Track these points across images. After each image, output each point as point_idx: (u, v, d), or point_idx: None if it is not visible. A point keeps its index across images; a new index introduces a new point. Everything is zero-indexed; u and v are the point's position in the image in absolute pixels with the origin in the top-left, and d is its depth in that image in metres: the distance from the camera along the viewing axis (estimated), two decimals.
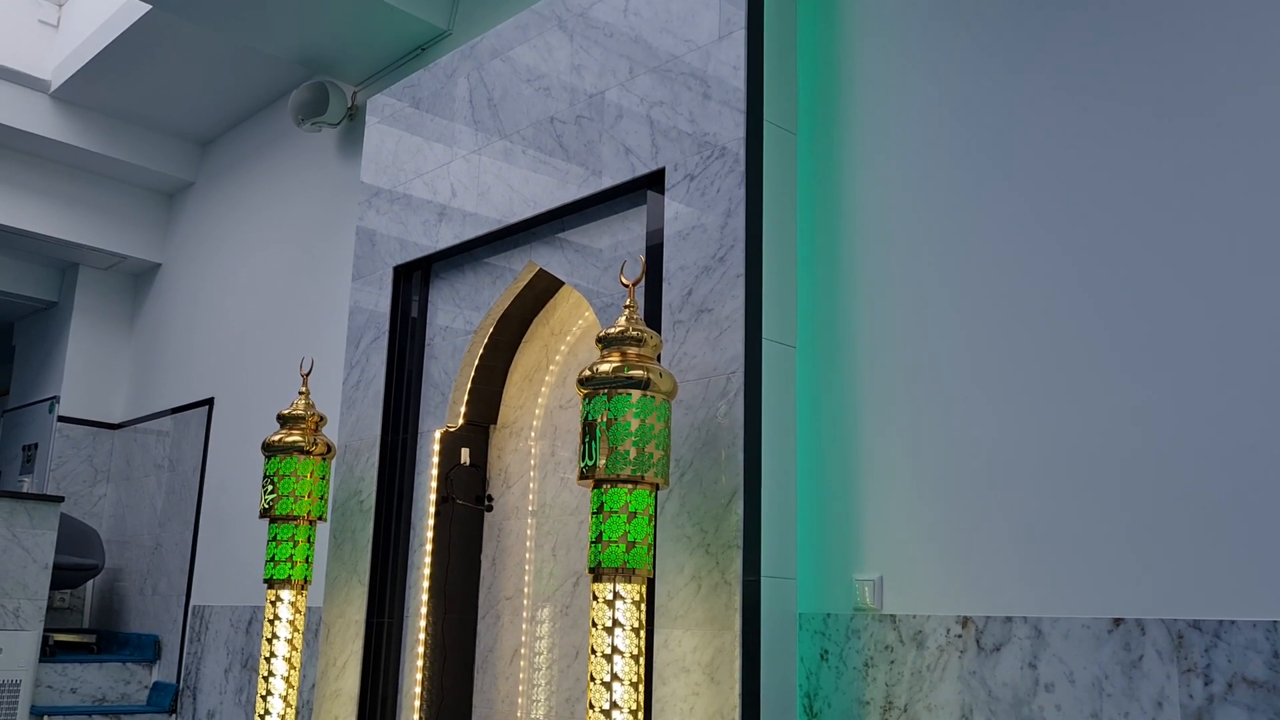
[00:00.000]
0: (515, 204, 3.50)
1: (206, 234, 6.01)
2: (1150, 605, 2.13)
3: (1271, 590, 1.98)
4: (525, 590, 3.58)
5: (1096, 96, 2.40)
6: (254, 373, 5.21)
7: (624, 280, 2.65)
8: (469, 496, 3.73)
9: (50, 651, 5.30)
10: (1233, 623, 2.00)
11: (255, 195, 5.60)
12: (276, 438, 3.42)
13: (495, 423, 3.80)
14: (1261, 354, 2.07)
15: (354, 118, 4.83)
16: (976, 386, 2.48)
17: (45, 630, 5.24)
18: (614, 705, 2.35)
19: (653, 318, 2.95)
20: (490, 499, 3.76)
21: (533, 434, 3.70)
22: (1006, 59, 2.58)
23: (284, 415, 3.46)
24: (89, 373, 6.42)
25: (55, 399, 6.33)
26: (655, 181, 3.06)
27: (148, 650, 5.48)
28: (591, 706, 2.37)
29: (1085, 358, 2.31)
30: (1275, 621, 1.96)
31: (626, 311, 2.58)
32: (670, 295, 2.90)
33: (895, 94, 2.78)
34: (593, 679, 2.38)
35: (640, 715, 2.37)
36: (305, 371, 3.63)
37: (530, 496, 3.65)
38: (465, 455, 3.72)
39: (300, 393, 3.53)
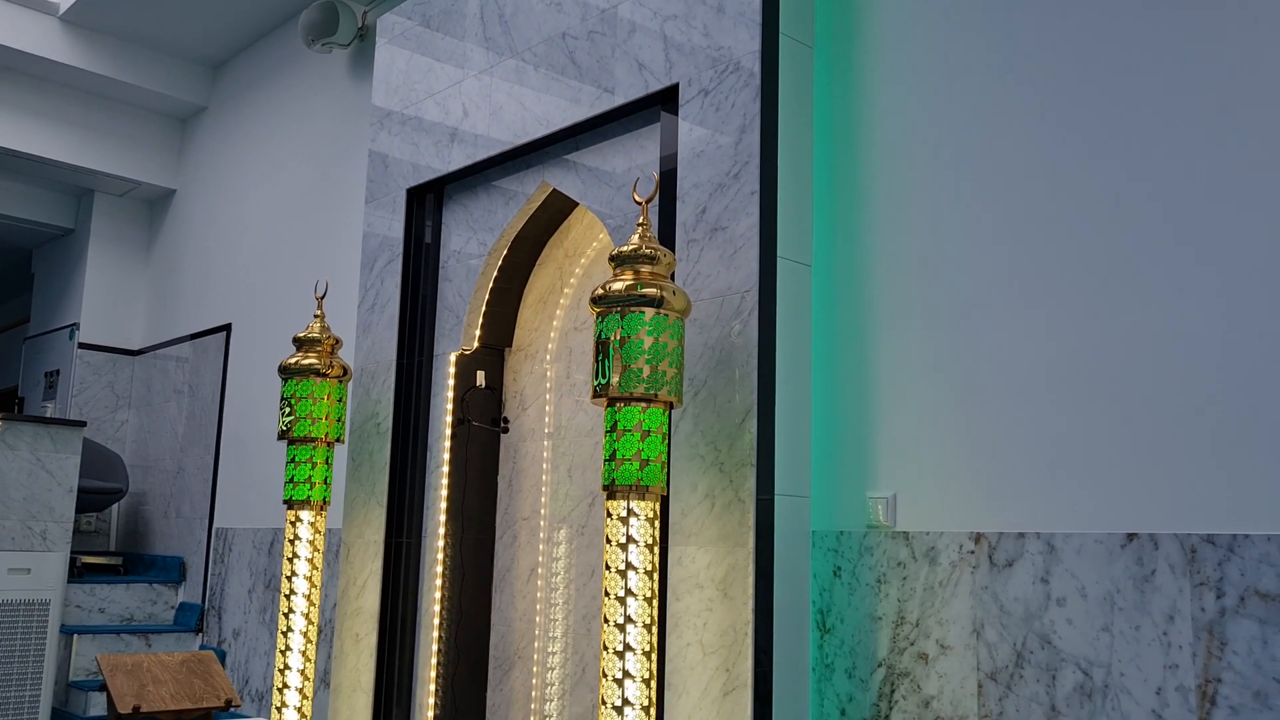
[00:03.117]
0: (528, 123, 3.46)
1: (220, 159, 5.98)
2: (1163, 520, 2.12)
3: None
4: (541, 511, 3.61)
5: (1125, 4, 2.33)
6: (270, 297, 5.22)
7: (637, 197, 2.62)
8: (485, 419, 3.74)
9: (78, 573, 5.41)
10: (1246, 536, 2.00)
11: (268, 119, 5.56)
12: (293, 360, 3.43)
13: (510, 345, 3.80)
14: (1278, 269, 2.04)
15: (364, 38, 4.77)
16: (990, 303, 2.46)
17: (73, 552, 5.34)
18: (628, 619, 2.37)
19: (666, 236, 2.92)
20: (506, 421, 3.77)
21: (548, 356, 3.70)
22: None
23: (300, 338, 3.47)
24: (108, 299, 6.45)
25: (75, 326, 6.37)
26: (669, 98, 3.01)
27: (173, 572, 5.59)
28: (606, 621, 2.40)
29: (1099, 274, 2.28)
30: None
31: (640, 229, 2.55)
32: (684, 213, 2.87)
33: (913, 6, 2.71)
34: (607, 594, 2.40)
35: (654, 630, 2.40)
36: (320, 295, 3.62)
37: (546, 419, 3.66)
38: (481, 378, 3.73)
39: (315, 316, 3.53)
